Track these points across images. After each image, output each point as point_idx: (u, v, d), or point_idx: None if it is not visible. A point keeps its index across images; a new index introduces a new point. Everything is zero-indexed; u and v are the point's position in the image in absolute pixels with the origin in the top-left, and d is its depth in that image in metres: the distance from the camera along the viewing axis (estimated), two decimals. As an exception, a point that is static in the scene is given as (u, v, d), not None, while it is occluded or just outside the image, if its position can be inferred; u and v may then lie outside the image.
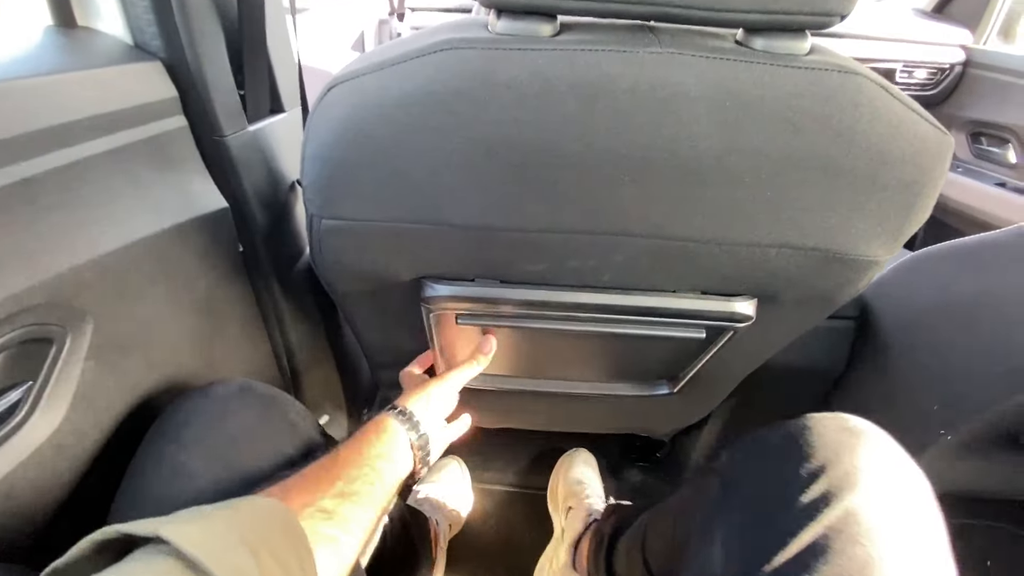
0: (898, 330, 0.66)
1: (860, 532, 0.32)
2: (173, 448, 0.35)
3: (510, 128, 0.33)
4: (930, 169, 0.35)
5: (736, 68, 0.31)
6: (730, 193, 0.36)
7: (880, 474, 0.35)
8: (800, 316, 0.54)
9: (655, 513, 0.58)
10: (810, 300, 0.49)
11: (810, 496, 0.34)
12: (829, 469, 0.35)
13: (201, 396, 0.39)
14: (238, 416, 0.38)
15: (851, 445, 0.36)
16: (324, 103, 0.35)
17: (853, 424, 0.39)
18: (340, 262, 0.44)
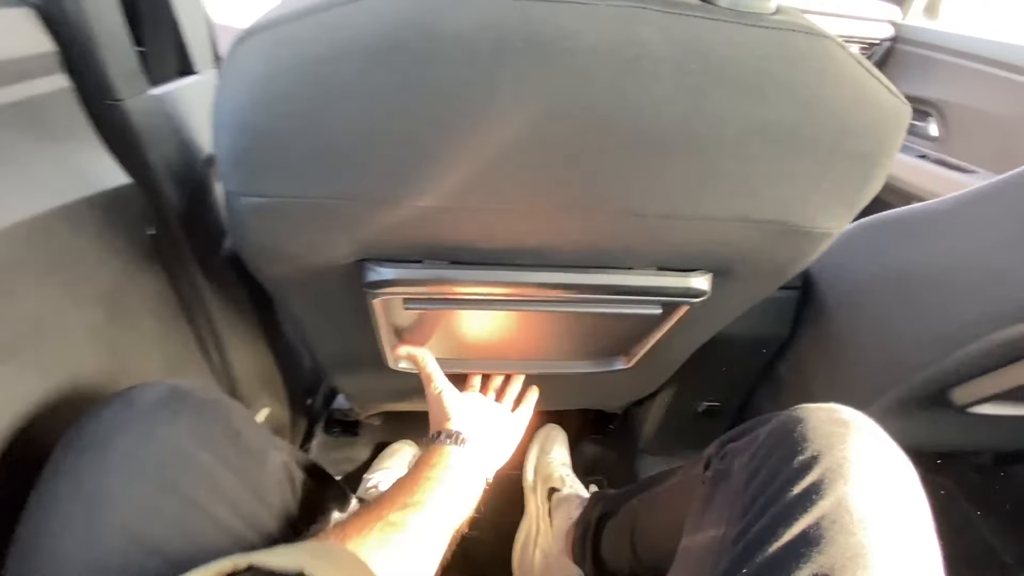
0: (838, 298, 0.69)
1: (852, 521, 0.33)
2: (95, 469, 0.30)
3: (458, 90, 0.29)
4: (888, 139, 0.35)
5: (703, 26, 0.29)
6: (691, 164, 0.34)
7: (870, 464, 0.36)
8: (752, 289, 0.54)
9: (644, 502, 0.58)
10: (763, 273, 0.49)
11: (802, 486, 0.35)
12: (821, 460, 0.35)
13: (123, 405, 0.33)
14: (170, 426, 0.33)
15: (842, 435, 0.37)
16: (234, 60, 0.30)
17: (843, 415, 0.39)
18: (266, 245, 0.39)
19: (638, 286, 0.46)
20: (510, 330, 0.58)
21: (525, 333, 0.60)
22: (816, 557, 0.33)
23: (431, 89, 0.29)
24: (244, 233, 0.39)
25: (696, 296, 0.48)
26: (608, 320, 0.55)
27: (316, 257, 0.41)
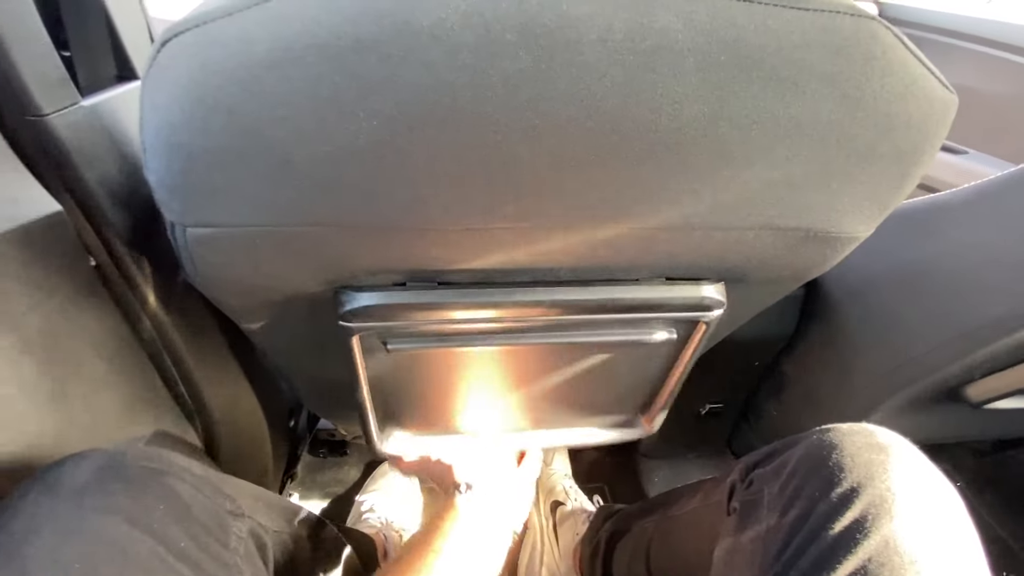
0: (846, 296, 0.66)
1: (902, 563, 0.30)
2: (8, 572, 0.24)
3: (438, 94, 0.24)
4: (932, 134, 0.31)
5: (733, 9, 0.24)
6: (713, 171, 0.29)
7: (916, 497, 0.33)
8: (766, 294, 0.50)
9: (660, 526, 0.55)
10: (779, 279, 0.45)
11: (844, 523, 0.32)
12: (863, 493, 0.33)
13: (44, 490, 0.28)
14: (103, 514, 0.27)
15: (882, 463, 0.35)
16: (158, 68, 0.24)
17: (880, 439, 0.37)
18: (223, 277, 0.34)
19: (646, 299, 0.42)
20: (509, 386, 0.53)
21: (527, 389, 0.54)
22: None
23: (404, 94, 0.24)
24: (195, 265, 0.33)
25: (709, 308, 0.43)
26: (619, 362, 0.50)
27: (283, 288, 0.35)
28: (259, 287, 0.36)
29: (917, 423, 0.70)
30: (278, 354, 0.51)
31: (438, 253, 0.35)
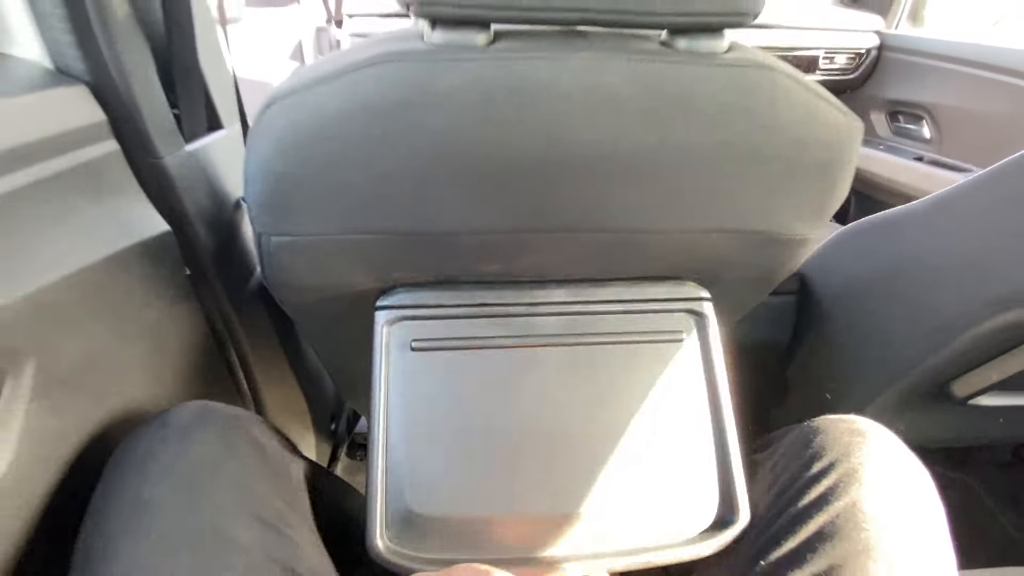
0: (833, 301, 0.71)
1: (864, 519, 0.36)
2: (137, 481, 0.34)
3: (453, 135, 0.34)
4: (843, 151, 0.38)
5: (662, 69, 0.33)
6: (667, 184, 0.38)
7: (884, 469, 0.39)
8: (744, 295, 0.57)
9: None
10: (751, 279, 0.52)
11: (819, 490, 0.38)
12: (838, 466, 0.38)
13: (160, 425, 0.38)
14: (200, 442, 0.37)
15: (858, 444, 0.40)
16: (263, 120, 0.35)
17: (860, 425, 0.42)
18: (292, 278, 0.44)
19: (639, 296, 0.50)
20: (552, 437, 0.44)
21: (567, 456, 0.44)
22: (829, 551, 0.35)
23: (430, 133, 0.34)
24: (272, 268, 0.43)
25: (698, 300, 0.50)
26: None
27: (336, 287, 0.45)
28: (317, 286, 0.45)
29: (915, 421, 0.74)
30: (325, 350, 0.60)
31: (456, 258, 0.44)
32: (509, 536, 0.41)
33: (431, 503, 0.41)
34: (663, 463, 0.43)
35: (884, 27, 1.36)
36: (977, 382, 0.63)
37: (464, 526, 0.41)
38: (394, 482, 0.41)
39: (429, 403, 0.44)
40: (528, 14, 0.33)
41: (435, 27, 0.33)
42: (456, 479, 0.42)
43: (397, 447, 0.42)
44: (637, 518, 0.42)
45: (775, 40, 1.30)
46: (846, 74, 1.37)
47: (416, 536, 0.40)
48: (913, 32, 1.38)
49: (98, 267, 0.42)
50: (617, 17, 0.33)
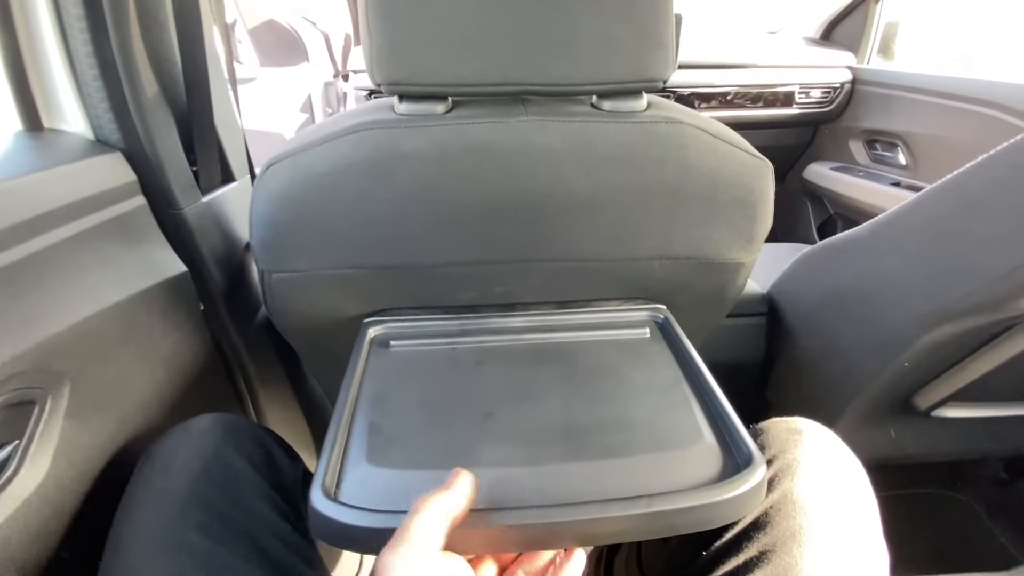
0: (798, 320, 0.76)
1: (794, 508, 0.38)
2: (159, 475, 0.40)
3: (420, 185, 0.41)
4: (756, 187, 0.45)
5: (588, 127, 0.40)
6: (605, 220, 0.44)
7: (816, 462, 0.42)
8: (703, 315, 0.62)
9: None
10: (704, 300, 0.57)
11: None
12: (775, 461, 0.41)
13: (182, 431, 0.45)
14: (215, 444, 0.43)
15: (795, 441, 0.43)
16: (264, 178, 0.42)
17: (799, 425, 0.46)
18: (290, 308, 0.50)
19: (603, 320, 0.54)
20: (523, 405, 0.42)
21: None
22: (761, 538, 0.38)
23: (400, 185, 0.41)
24: (274, 300, 0.50)
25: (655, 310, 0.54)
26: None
27: (328, 314, 0.52)
28: (312, 314, 0.52)
29: (884, 435, 0.77)
30: (322, 373, 0.66)
31: (430, 288, 0.51)
32: (490, 489, 0.33)
33: (395, 459, 0.36)
34: (652, 426, 0.39)
35: (855, 62, 1.44)
36: (935, 394, 0.67)
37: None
38: (354, 442, 0.37)
39: (400, 389, 0.43)
40: (477, 88, 0.40)
41: (402, 100, 0.41)
42: (425, 441, 0.38)
43: (360, 417, 0.39)
44: (634, 469, 0.36)
45: (752, 79, 1.39)
46: (822, 106, 1.44)
47: (372, 491, 0.33)
48: (884, 66, 1.46)
49: (127, 303, 0.50)
50: (552, 88, 0.40)
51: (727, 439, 0.38)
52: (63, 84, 0.50)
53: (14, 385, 0.39)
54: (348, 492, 0.33)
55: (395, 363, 0.47)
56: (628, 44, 0.39)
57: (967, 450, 0.79)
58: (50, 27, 0.47)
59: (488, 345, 0.49)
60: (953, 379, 0.64)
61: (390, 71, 0.39)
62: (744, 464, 0.35)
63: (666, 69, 0.40)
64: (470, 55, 0.38)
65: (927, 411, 0.69)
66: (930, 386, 0.67)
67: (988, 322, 0.55)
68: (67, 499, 0.45)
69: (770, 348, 0.83)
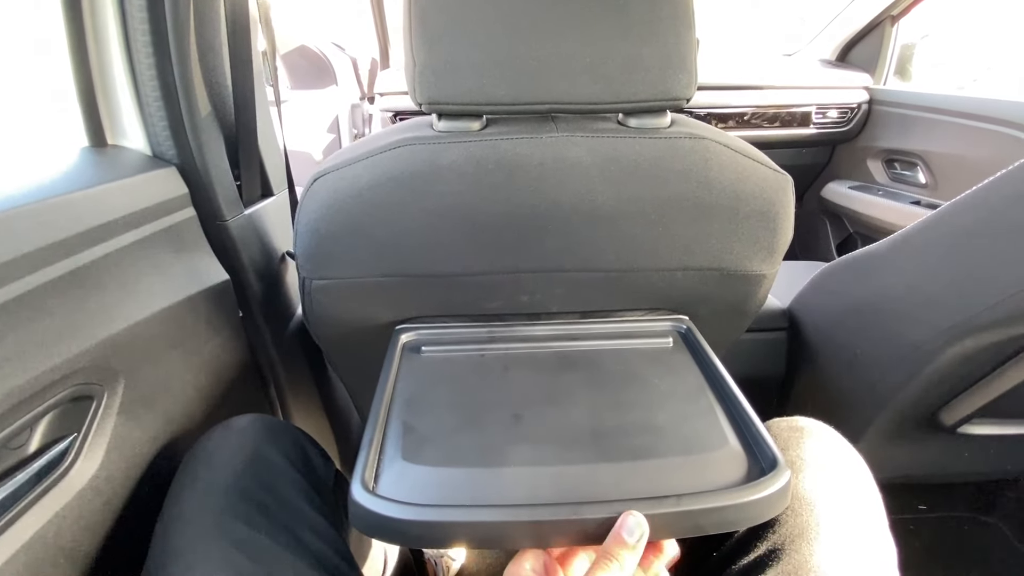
0: (818, 335, 0.76)
1: (801, 505, 0.40)
2: (204, 469, 0.43)
3: (454, 197, 0.43)
4: (777, 201, 0.46)
5: (615, 143, 0.43)
6: (627, 232, 0.46)
7: (820, 459, 0.43)
8: (723, 327, 0.63)
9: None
10: (726, 312, 0.59)
11: None
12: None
13: (224, 428, 0.47)
14: (255, 441, 0.46)
15: (797, 440, 0.45)
16: (312, 191, 0.45)
17: (801, 423, 0.47)
18: (328, 314, 0.53)
19: (625, 330, 0.56)
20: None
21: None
22: (771, 536, 0.40)
23: (437, 197, 0.43)
24: (312, 306, 0.53)
25: (678, 321, 0.56)
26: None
27: (362, 321, 0.54)
28: (348, 320, 0.55)
29: (910, 453, 0.76)
30: (351, 379, 0.68)
31: (461, 296, 0.53)
32: (521, 485, 0.35)
33: (429, 457, 0.37)
34: (677, 431, 0.40)
35: (872, 83, 1.46)
36: (961, 409, 0.66)
37: (467, 478, 0.36)
38: (389, 442, 0.39)
39: (431, 392, 0.44)
40: (510, 107, 0.43)
41: (440, 118, 0.44)
42: (457, 441, 0.39)
43: (395, 418, 0.41)
44: (662, 470, 0.37)
45: (769, 99, 1.41)
46: (839, 126, 1.46)
47: (409, 486, 0.35)
48: (901, 87, 1.47)
49: (176, 307, 0.53)
50: (580, 107, 0.43)
51: (751, 443, 0.39)
52: (127, 104, 0.54)
53: (77, 380, 0.42)
54: (385, 486, 0.35)
55: (426, 368, 0.49)
56: (653, 66, 0.41)
57: (995, 469, 0.78)
58: (119, 53, 0.52)
59: (515, 352, 0.51)
60: (979, 394, 0.64)
61: (431, 91, 0.42)
62: (769, 468, 0.36)
63: (688, 89, 0.43)
64: (503, 76, 0.41)
65: (953, 427, 0.69)
66: (955, 402, 0.66)
67: (1011, 336, 0.55)
68: (117, 491, 0.47)
69: (791, 363, 0.83)
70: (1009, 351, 0.59)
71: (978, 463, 0.76)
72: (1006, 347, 0.58)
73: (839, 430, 0.76)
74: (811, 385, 0.80)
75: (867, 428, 0.72)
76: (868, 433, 0.72)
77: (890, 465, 0.77)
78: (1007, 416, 0.69)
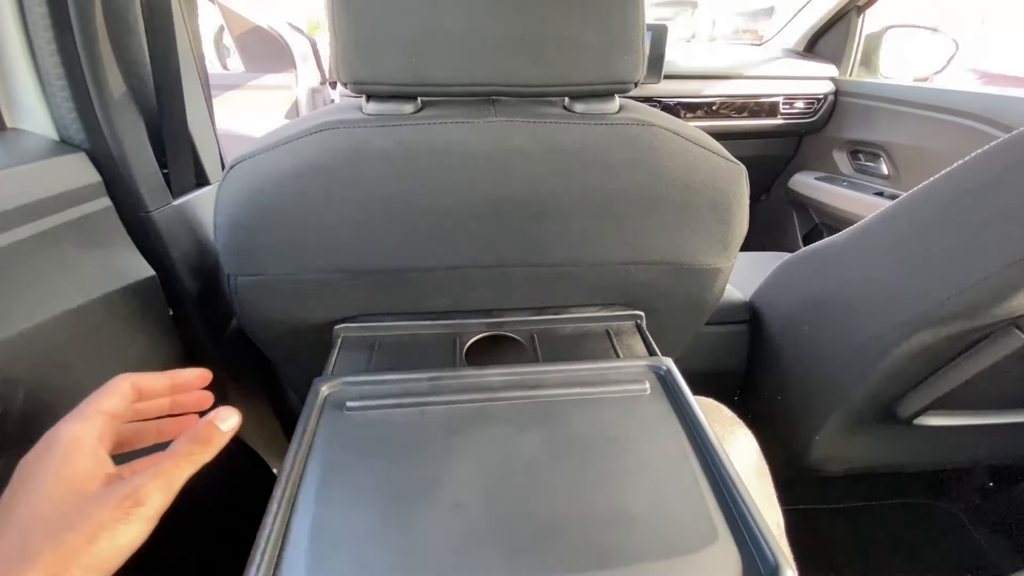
0: (778, 329, 0.76)
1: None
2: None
3: (385, 187, 0.40)
4: (729, 191, 0.44)
5: (559, 128, 0.40)
6: (576, 225, 0.43)
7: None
8: (682, 321, 0.62)
9: None
10: (682, 307, 0.57)
11: None
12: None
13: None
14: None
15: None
16: (227, 180, 0.41)
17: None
18: (259, 313, 0.49)
19: (584, 317, 0.54)
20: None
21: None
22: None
23: (365, 186, 0.40)
24: (242, 305, 0.49)
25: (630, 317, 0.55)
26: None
27: (296, 319, 0.50)
28: (282, 319, 0.51)
29: (869, 444, 0.76)
30: (297, 383, 0.65)
31: (402, 294, 0.49)
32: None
33: (340, 569, 0.30)
34: (657, 520, 0.33)
35: (838, 74, 1.46)
36: (917, 401, 0.66)
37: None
38: (292, 542, 0.31)
39: (353, 469, 0.36)
40: (446, 88, 0.39)
41: (369, 100, 0.40)
42: (379, 544, 0.31)
43: (303, 508, 0.33)
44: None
45: (738, 89, 1.40)
46: (806, 117, 1.46)
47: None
48: (866, 78, 1.48)
49: (87, 308, 0.48)
50: (522, 89, 0.40)
51: (748, 540, 0.32)
52: (25, 82, 0.48)
53: (-40, 392, 0.38)
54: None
55: (351, 431, 0.39)
56: (596, 47, 0.38)
57: (949, 459, 0.79)
58: (12, 25, 0.46)
59: (463, 407, 0.41)
60: (934, 387, 0.64)
61: (356, 70, 0.38)
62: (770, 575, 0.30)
63: (635, 72, 0.40)
64: (438, 55, 0.38)
65: (909, 419, 0.69)
66: (911, 394, 0.66)
67: (963, 330, 0.54)
68: None
69: (752, 356, 0.82)
70: (963, 344, 0.58)
71: (933, 453, 0.76)
72: (961, 340, 0.58)
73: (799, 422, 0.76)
74: (771, 377, 0.79)
75: (826, 420, 0.71)
76: (827, 425, 0.72)
77: (848, 456, 0.77)
78: (960, 408, 0.69)
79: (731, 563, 0.31)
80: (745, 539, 0.32)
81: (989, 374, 0.59)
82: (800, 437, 0.76)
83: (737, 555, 0.31)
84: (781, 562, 0.29)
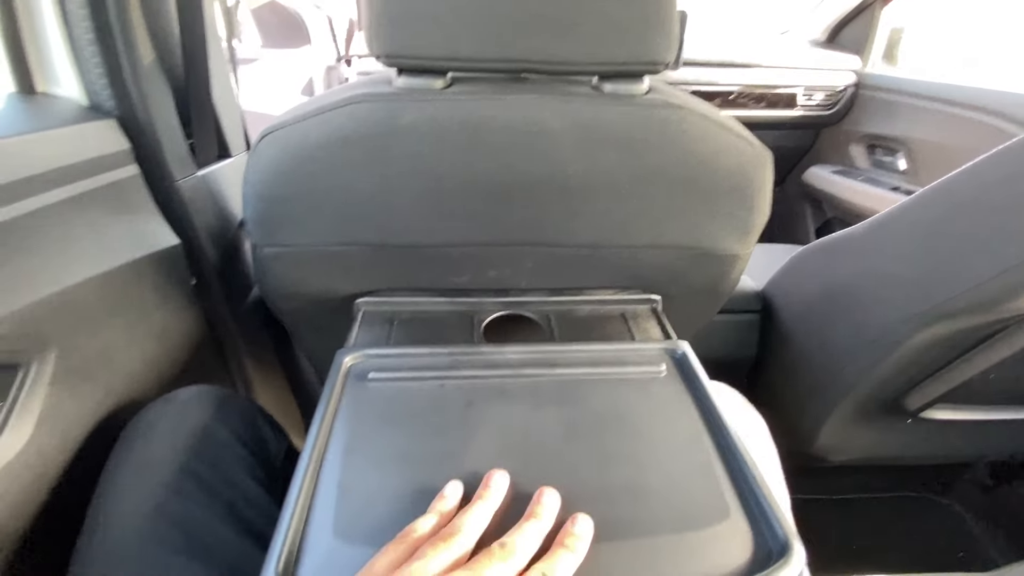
0: (791, 318, 0.76)
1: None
2: (141, 444, 0.40)
3: (412, 161, 0.40)
4: (754, 176, 0.44)
5: (587, 107, 0.40)
6: (599, 205, 0.44)
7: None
8: (696, 307, 0.62)
9: None
10: (698, 292, 0.57)
11: None
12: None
13: (164, 402, 0.45)
14: (198, 414, 0.44)
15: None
16: (258, 150, 0.42)
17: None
18: (282, 284, 0.50)
19: (600, 299, 0.55)
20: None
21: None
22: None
23: (393, 160, 0.40)
24: (265, 276, 0.50)
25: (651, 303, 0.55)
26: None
27: (319, 292, 0.51)
28: (304, 291, 0.52)
29: (874, 436, 0.77)
30: (314, 354, 0.66)
31: (424, 269, 0.50)
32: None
33: (366, 534, 0.30)
34: (670, 496, 0.33)
35: (860, 66, 1.44)
36: (926, 394, 0.67)
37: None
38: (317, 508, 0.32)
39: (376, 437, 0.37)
40: (476, 64, 0.39)
41: (400, 74, 0.40)
42: (400, 509, 0.32)
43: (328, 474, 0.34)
44: (649, 556, 0.31)
45: (756, 78, 1.38)
46: (825, 109, 1.44)
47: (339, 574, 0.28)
48: (888, 71, 1.46)
49: (116, 273, 0.49)
50: (553, 67, 0.40)
51: (758, 517, 0.32)
52: (58, 48, 0.49)
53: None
54: (308, 572, 0.28)
55: (373, 401, 0.39)
56: (631, 26, 0.39)
57: (954, 453, 0.79)
58: (46, -12, 0.47)
59: (481, 382, 0.42)
60: (943, 381, 0.64)
61: (389, 43, 0.38)
62: (779, 553, 0.30)
63: (668, 52, 0.40)
64: (470, 30, 0.38)
65: (916, 412, 0.69)
66: (920, 387, 0.67)
67: (977, 324, 0.55)
68: (49, 467, 0.44)
69: (762, 345, 0.83)
70: (976, 338, 0.59)
71: (938, 447, 0.77)
72: (973, 334, 0.58)
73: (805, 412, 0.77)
74: (781, 367, 0.80)
75: (833, 410, 0.72)
76: (833, 415, 0.73)
77: (853, 447, 0.78)
78: (968, 402, 0.70)
79: (742, 538, 0.31)
80: (756, 516, 0.32)
81: (999, 369, 0.59)
82: (806, 426, 0.77)
83: (748, 530, 0.32)
84: (790, 538, 0.30)
